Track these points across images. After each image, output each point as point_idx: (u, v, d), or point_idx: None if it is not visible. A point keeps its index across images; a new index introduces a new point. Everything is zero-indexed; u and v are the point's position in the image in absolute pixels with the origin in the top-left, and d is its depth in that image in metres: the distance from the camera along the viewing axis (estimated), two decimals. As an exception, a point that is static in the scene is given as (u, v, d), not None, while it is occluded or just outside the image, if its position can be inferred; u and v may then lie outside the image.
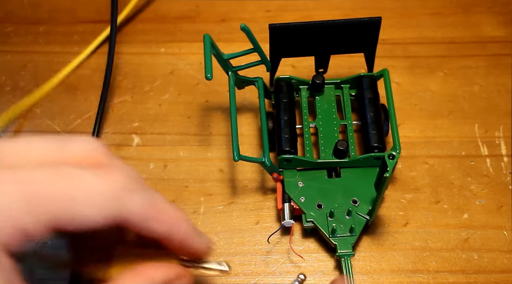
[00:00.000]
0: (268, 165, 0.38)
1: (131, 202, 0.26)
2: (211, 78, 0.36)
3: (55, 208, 0.23)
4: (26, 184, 0.23)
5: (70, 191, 0.24)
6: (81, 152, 0.26)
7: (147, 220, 0.27)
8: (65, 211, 0.24)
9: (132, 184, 0.26)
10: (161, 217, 0.27)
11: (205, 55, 0.36)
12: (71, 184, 0.24)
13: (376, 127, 0.40)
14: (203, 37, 0.37)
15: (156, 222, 0.27)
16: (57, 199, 0.24)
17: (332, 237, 0.38)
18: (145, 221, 0.27)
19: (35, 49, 0.49)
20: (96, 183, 0.25)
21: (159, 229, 0.27)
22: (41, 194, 0.23)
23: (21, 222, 0.23)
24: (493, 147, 0.44)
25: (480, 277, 0.39)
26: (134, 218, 0.26)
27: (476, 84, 0.47)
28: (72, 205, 0.24)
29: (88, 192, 0.24)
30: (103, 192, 0.25)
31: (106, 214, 0.25)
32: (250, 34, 0.37)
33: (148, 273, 0.28)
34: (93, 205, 0.24)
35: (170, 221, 0.28)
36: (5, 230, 0.22)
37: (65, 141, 0.26)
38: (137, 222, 0.26)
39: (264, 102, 0.41)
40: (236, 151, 0.36)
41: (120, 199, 0.25)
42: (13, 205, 0.23)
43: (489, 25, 0.50)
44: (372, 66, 0.43)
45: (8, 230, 0.23)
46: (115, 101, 0.46)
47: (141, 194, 0.26)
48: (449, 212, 0.41)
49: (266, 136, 0.39)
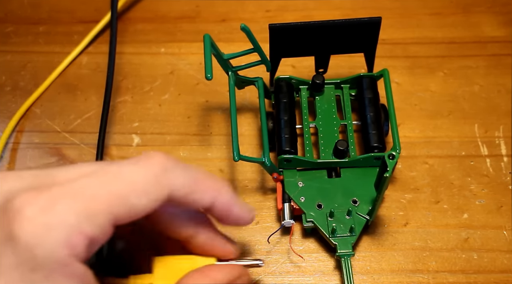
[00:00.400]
0: (268, 165, 0.38)
1: (173, 180, 0.27)
2: (211, 78, 0.36)
3: (111, 208, 0.25)
4: (77, 195, 0.25)
5: (118, 189, 0.25)
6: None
7: (190, 193, 0.28)
8: (120, 208, 0.25)
9: (169, 163, 0.27)
10: (203, 188, 0.28)
11: (205, 55, 0.36)
12: (117, 182, 0.26)
13: (376, 127, 0.40)
14: (203, 37, 0.37)
15: (200, 193, 0.28)
16: (110, 200, 0.25)
17: (332, 237, 0.38)
18: (189, 194, 0.28)
19: (35, 49, 0.49)
20: (137, 173, 0.26)
21: (204, 200, 0.29)
22: (94, 200, 0.25)
23: (84, 230, 0.24)
24: (493, 147, 0.44)
25: (480, 277, 0.39)
26: (178, 193, 0.27)
27: (476, 84, 0.47)
28: (124, 201, 0.25)
29: (134, 185, 0.26)
30: (146, 179, 0.26)
31: (155, 198, 0.26)
32: (250, 34, 0.37)
33: (213, 275, 0.30)
34: (142, 194, 0.26)
35: (212, 191, 0.29)
36: (72, 241, 0.24)
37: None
38: (182, 196, 0.28)
39: (264, 102, 0.41)
40: (236, 151, 0.37)
41: (163, 180, 0.27)
42: (72, 216, 0.24)
43: (489, 25, 0.50)
44: (372, 66, 0.43)
45: (74, 240, 0.24)
46: (115, 101, 0.46)
47: (181, 170, 0.28)
48: (449, 212, 0.41)
49: (266, 136, 0.39)
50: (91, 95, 0.46)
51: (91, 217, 0.24)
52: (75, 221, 0.24)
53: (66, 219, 0.24)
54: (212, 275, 0.30)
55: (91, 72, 0.48)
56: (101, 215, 0.25)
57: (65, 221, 0.24)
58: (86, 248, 0.24)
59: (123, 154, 0.44)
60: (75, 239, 0.24)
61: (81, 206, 0.24)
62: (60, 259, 0.24)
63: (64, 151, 0.44)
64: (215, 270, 0.30)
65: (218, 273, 0.30)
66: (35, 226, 0.23)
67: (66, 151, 0.44)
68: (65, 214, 0.24)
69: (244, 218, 0.31)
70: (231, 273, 0.31)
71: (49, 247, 0.23)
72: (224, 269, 0.31)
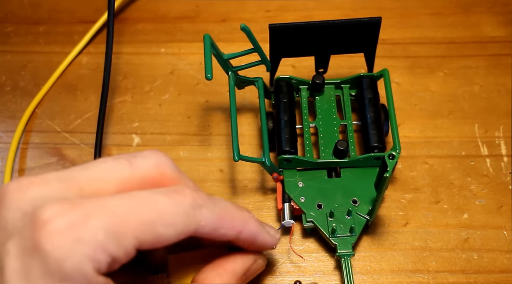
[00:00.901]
0: (268, 165, 0.38)
1: (200, 216, 0.28)
2: (211, 78, 0.36)
3: (137, 233, 0.26)
4: (109, 214, 0.25)
5: (148, 216, 0.26)
6: (149, 167, 0.28)
7: (217, 229, 0.29)
8: (146, 234, 0.26)
9: (198, 199, 0.28)
10: (229, 224, 0.29)
11: (205, 55, 0.36)
12: (148, 209, 0.26)
13: (376, 127, 0.40)
14: (203, 37, 0.37)
15: (225, 229, 0.29)
16: (138, 225, 0.26)
17: (332, 237, 0.38)
18: (215, 231, 0.29)
19: (35, 49, 0.49)
20: (168, 204, 0.27)
21: (229, 234, 0.29)
22: (123, 222, 0.25)
23: (109, 248, 0.25)
24: (493, 147, 0.44)
25: (480, 277, 0.39)
26: (205, 230, 0.28)
27: (476, 84, 0.47)
28: (151, 228, 0.26)
29: (163, 214, 0.27)
30: (176, 212, 0.27)
31: (181, 232, 0.27)
32: (250, 34, 0.37)
33: (230, 267, 0.31)
34: (169, 225, 0.27)
35: (238, 225, 0.30)
36: (97, 257, 0.25)
37: (133, 157, 0.28)
38: (208, 232, 0.28)
39: (264, 102, 0.41)
40: (236, 151, 0.37)
41: (191, 216, 0.27)
42: (100, 235, 0.25)
43: (489, 25, 0.50)
44: (372, 66, 0.43)
45: (99, 256, 0.25)
46: (115, 101, 0.46)
47: (208, 207, 0.28)
48: (449, 212, 0.41)
49: (266, 136, 0.39)
50: (91, 95, 0.46)
51: (118, 238, 0.25)
52: (103, 238, 0.25)
53: (95, 236, 0.25)
54: (228, 268, 0.31)
55: (91, 72, 0.48)
56: (127, 238, 0.25)
57: (94, 237, 0.24)
58: (107, 265, 0.25)
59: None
60: (100, 255, 0.25)
61: (110, 226, 0.25)
62: (85, 273, 0.24)
63: (64, 151, 0.44)
64: (230, 261, 0.31)
65: (234, 264, 0.31)
66: (65, 240, 0.24)
67: (66, 151, 0.44)
68: (95, 231, 0.25)
69: (268, 244, 0.32)
70: (246, 259, 0.31)
71: (77, 261, 0.24)
72: (239, 258, 0.31)
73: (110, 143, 0.44)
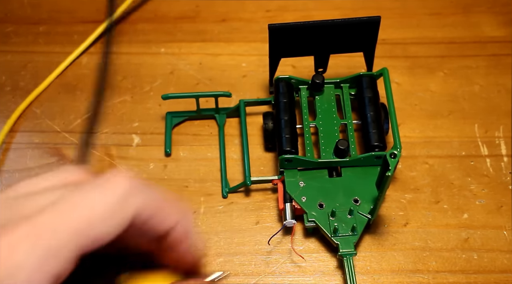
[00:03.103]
0: (249, 184, 0.41)
1: (136, 204, 0.26)
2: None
3: (73, 241, 0.24)
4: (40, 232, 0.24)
5: (79, 220, 0.25)
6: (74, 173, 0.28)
7: (154, 216, 0.27)
8: (82, 238, 0.24)
9: (132, 186, 0.26)
10: (166, 211, 0.28)
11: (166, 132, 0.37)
12: (77, 212, 0.25)
13: (376, 126, 0.40)
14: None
15: (162, 217, 0.28)
16: (70, 233, 0.24)
17: (334, 237, 0.38)
18: (152, 217, 0.27)
19: (35, 49, 0.49)
20: (98, 199, 0.25)
21: (165, 223, 0.28)
22: (55, 235, 0.24)
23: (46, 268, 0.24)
24: (493, 147, 0.44)
25: (480, 277, 0.39)
26: (142, 217, 0.27)
27: (476, 84, 0.47)
28: (86, 231, 0.25)
29: (94, 213, 0.25)
30: (108, 206, 0.25)
31: (118, 223, 0.25)
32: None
33: None
34: (103, 222, 0.25)
35: (176, 214, 0.28)
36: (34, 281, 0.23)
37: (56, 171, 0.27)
38: (144, 220, 0.27)
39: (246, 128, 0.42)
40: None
41: (125, 205, 0.26)
42: (33, 257, 0.24)
43: (489, 25, 0.50)
44: (371, 65, 0.43)
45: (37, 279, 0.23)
46: (115, 101, 0.46)
47: (144, 193, 0.27)
48: (449, 212, 0.41)
49: (247, 160, 0.42)
50: (91, 95, 0.46)
51: (54, 253, 0.24)
52: (36, 261, 0.24)
53: (28, 260, 0.23)
54: None
55: (91, 72, 0.48)
56: (64, 250, 0.24)
57: (26, 262, 0.23)
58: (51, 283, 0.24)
59: (123, 154, 0.44)
60: (38, 278, 0.23)
61: (42, 245, 0.24)
62: None
63: (64, 151, 0.44)
64: None
65: None
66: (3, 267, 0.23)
67: (66, 151, 0.44)
68: (27, 255, 0.23)
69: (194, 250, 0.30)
70: None
71: None
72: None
73: (110, 143, 0.44)
